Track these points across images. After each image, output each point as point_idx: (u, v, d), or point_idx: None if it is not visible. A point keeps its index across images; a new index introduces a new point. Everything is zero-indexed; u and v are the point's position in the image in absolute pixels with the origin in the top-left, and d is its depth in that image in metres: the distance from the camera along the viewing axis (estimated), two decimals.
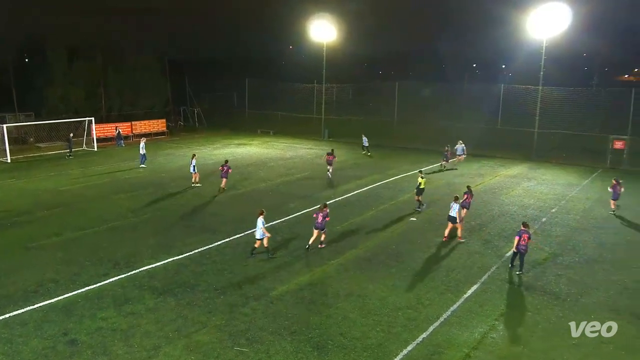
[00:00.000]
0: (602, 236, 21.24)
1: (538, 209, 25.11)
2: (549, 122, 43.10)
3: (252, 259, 18.00)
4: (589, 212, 24.96)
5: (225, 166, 27.54)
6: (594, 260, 18.58)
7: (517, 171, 35.07)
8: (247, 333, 13.19)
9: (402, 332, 13.31)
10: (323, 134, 50.93)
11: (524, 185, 30.71)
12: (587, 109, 49.60)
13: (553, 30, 39.02)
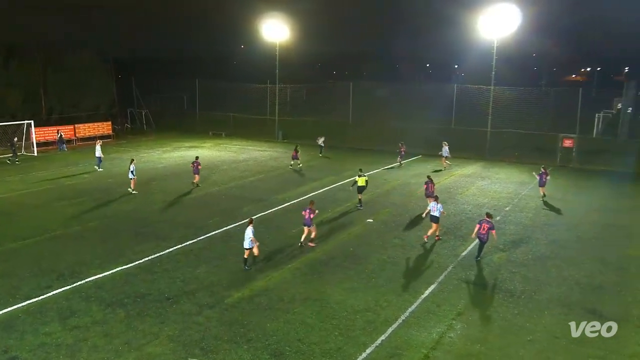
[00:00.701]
0: (554, 233, 22.05)
1: (492, 208, 25.81)
2: (501, 121, 44.46)
3: (248, 271, 17.42)
4: (540, 209, 25.87)
5: (195, 162, 29.62)
6: (546, 257, 19.26)
7: (472, 170, 36.00)
8: (201, 343, 12.97)
9: (361, 336, 13.40)
10: (277, 135, 50.81)
11: (479, 184, 31.54)
12: (537, 109, 51.54)
13: (503, 31, 40.30)
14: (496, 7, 39.49)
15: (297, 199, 27.13)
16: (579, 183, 32.64)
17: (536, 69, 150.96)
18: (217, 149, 44.00)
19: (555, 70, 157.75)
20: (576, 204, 26.89)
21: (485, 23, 40.31)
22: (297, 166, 35.64)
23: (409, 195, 28.32)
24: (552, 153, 39.53)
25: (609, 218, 24.50)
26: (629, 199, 28.45)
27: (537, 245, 20.51)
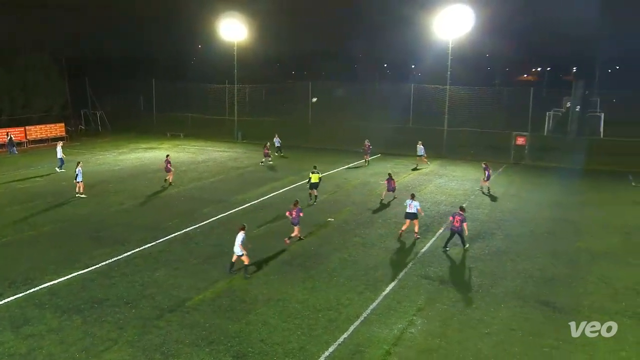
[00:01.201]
0: (509, 228, 22.68)
1: (450, 205, 26.33)
2: (457, 120, 45.45)
3: (232, 275, 16.98)
4: (496, 205, 26.55)
5: (166, 161, 30.11)
6: (502, 251, 19.79)
7: (429, 169, 36.61)
8: (162, 347, 12.74)
9: (323, 334, 13.45)
10: (236, 136, 50.40)
11: (436, 182, 32.12)
12: (491, 108, 52.95)
13: (458, 32, 41.16)
14: (451, 8, 40.30)
15: (258, 199, 26.99)
16: (531, 180, 33.67)
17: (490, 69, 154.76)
18: (175, 150, 43.27)
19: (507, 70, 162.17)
20: (529, 200, 27.73)
21: (440, 24, 41.07)
22: (268, 163, 36.58)
23: (369, 194, 28.58)
24: (505, 151, 40.63)
25: (560, 213, 25.37)
26: (578, 195, 29.52)
27: (493, 240, 21.04)
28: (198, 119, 56.03)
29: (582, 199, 28.61)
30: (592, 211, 25.94)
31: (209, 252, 19.15)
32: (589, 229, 22.95)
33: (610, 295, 16.05)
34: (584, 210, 25.99)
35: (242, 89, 57.02)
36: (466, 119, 47.25)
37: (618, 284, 16.82)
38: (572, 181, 33.05)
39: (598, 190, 30.83)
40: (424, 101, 50.84)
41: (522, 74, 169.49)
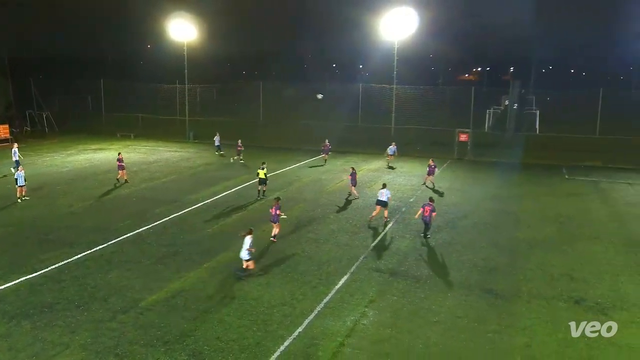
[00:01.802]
0: (454, 221, 23.28)
1: (398, 200, 26.78)
2: (403, 118, 46.27)
3: (242, 279, 16.34)
4: (441, 200, 27.18)
5: (119, 159, 29.83)
6: (447, 243, 20.29)
7: (378, 165, 37.10)
8: (116, 349, 12.39)
9: (279, 329, 13.42)
10: (187, 136, 49.50)
11: (385, 178, 32.53)
12: (435, 106, 54.18)
13: (403, 33, 41.88)
14: (395, 11, 40.96)
15: (211, 198, 26.61)
16: (473, 174, 34.68)
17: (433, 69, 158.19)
18: (126, 151, 42.03)
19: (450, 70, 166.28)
20: (472, 194, 28.55)
21: (386, 25, 41.67)
22: (239, 161, 36.72)
23: (320, 191, 28.70)
24: (449, 147, 41.65)
25: (501, 205, 26.26)
26: (517, 188, 30.62)
27: (439, 232, 21.54)
28: (149, 119, 54.71)
29: (520, 191, 29.69)
30: (529, 203, 26.97)
31: (163, 253, 18.74)
32: (527, 219, 23.85)
33: (547, 281, 16.74)
34: (522, 202, 26.99)
35: (193, 89, 56.09)
36: (412, 117, 48.15)
37: (554, 271, 17.56)
38: (511, 175, 34.25)
39: (535, 183, 32.06)
40: (372, 100, 51.49)
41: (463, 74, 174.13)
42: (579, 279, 16.87)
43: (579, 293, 15.81)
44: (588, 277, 17.03)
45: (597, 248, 19.93)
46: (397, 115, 44.51)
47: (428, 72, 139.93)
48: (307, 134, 48.41)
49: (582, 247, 19.99)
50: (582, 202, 27.32)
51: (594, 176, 34.06)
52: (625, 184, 31.72)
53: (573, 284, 16.53)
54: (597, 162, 38.40)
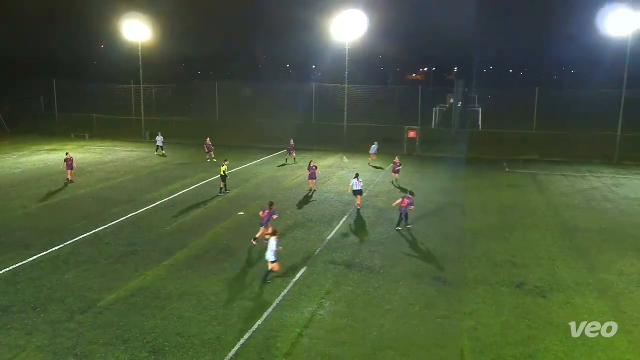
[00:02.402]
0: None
1: (351, 195, 26.97)
2: (355, 116, 46.64)
3: (266, 284, 15.64)
4: (392, 193, 27.59)
5: (67, 159, 28.95)
6: (399, 234, 20.63)
7: (332, 162, 37.28)
8: (75, 349, 11.98)
9: (238, 323, 13.31)
10: (143, 135, 48.20)
11: (338, 174, 32.78)
12: (385, 104, 54.87)
13: (353, 34, 42.16)
14: (346, 13, 41.18)
15: (169, 196, 26.07)
16: (422, 169, 35.37)
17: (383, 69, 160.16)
18: (81, 151, 40.62)
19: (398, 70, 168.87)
20: (421, 187, 29.11)
21: (336, 27, 41.83)
22: (212, 159, 35.99)
23: (276, 188, 28.59)
24: (399, 143, 42.29)
25: (448, 198, 26.90)
26: (462, 181, 31.45)
27: (391, 225, 21.86)
28: (104, 119, 52.93)
29: (465, 184, 30.51)
30: (474, 195, 27.75)
31: (121, 252, 18.22)
32: (472, 210, 24.54)
33: (490, 267, 17.29)
34: (467, 195, 27.74)
35: (148, 89, 54.65)
36: (363, 114, 48.61)
37: (497, 258, 18.16)
38: (456, 169, 35.14)
39: (478, 176, 33.01)
40: (325, 99, 51.63)
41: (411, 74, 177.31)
42: (520, 265, 17.50)
43: (520, 278, 16.41)
44: (528, 263, 17.69)
45: (535, 235, 20.73)
46: (349, 113, 44.81)
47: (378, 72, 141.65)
48: (263, 132, 48.10)
49: (522, 235, 20.74)
50: (522, 193, 28.34)
51: (532, 169, 35.39)
52: (559, 175, 33.12)
53: (514, 269, 17.13)
54: (534, 155, 39.93)
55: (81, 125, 51.28)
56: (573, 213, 24.21)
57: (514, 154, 40.38)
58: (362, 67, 73.64)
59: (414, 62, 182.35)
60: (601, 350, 12.23)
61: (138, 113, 51.16)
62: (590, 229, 21.57)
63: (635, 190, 28.91)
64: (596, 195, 27.91)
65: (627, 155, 38.12)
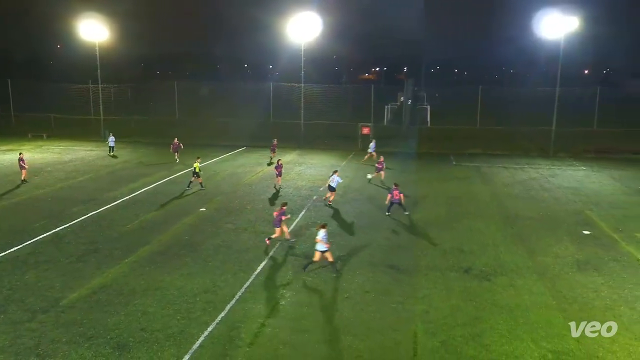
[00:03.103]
0: (360, 206, 23.93)
1: (309, 189, 27.06)
2: (312, 114, 46.72)
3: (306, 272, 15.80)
4: (348, 187, 27.82)
5: (20, 159, 27.76)
6: (355, 226, 20.82)
7: (290, 158, 37.18)
8: (37, 349, 11.51)
9: (202, 316, 13.13)
10: (103, 135, 46.55)
11: (297, 169, 32.75)
12: (339, 102, 55.19)
13: (308, 36, 42.13)
14: (301, 15, 41.09)
15: (130, 195, 25.36)
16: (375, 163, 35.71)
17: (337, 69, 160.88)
18: (39, 151, 38.94)
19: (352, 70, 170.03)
20: (375, 181, 29.45)
21: (292, 28, 41.69)
22: (177, 159, 34.58)
23: (237, 184, 28.29)
24: (353, 139, 42.65)
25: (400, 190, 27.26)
26: (413, 174, 32.04)
27: (348, 217, 22.06)
28: (62, 119, 50.90)
29: (416, 177, 31.09)
30: (424, 187, 28.31)
31: (82, 250, 17.61)
32: (422, 202, 25.04)
33: (440, 255, 17.72)
34: (418, 187, 28.27)
35: (107, 89, 52.89)
36: (319, 112, 48.76)
37: (446, 245, 18.62)
38: (408, 163, 35.75)
39: (428, 169, 33.70)
40: (282, 98, 51.46)
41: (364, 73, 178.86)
42: (467, 252, 18.01)
43: (467, 263, 16.90)
44: (474, 249, 18.23)
45: (480, 224, 21.37)
46: (306, 111, 44.83)
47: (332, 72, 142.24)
48: (223, 130, 47.47)
49: (468, 224, 21.34)
50: (468, 185, 29.14)
51: (476, 162, 36.44)
52: (501, 168, 34.25)
53: (462, 256, 17.62)
54: (478, 150, 41.11)
55: (39, 125, 49.15)
56: (514, 202, 25.10)
57: (460, 148, 41.46)
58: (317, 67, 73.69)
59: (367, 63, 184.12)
60: (541, 327, 12.76)
61: (97, 113, 49.45)
62: (530, 217, 22.44)
63: (568, 180, 30.25)
64: (534, 185, 29.04)
65: (561, 148, 39.86)
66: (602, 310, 13.68)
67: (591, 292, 14.81)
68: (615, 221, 21.78)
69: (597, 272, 16.24)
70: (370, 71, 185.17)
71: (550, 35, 39.60)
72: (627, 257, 17.56)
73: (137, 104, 61.30)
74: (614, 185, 28.99)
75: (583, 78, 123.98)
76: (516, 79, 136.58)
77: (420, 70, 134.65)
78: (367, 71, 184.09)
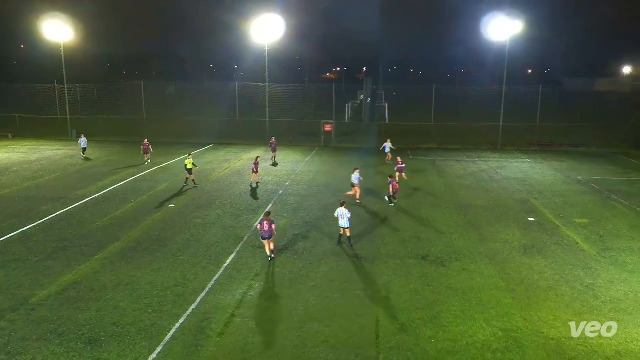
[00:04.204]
0: (323, 200, 23.99)
1: (275, 184, 26.94)
2: (276, 112, 46.43)
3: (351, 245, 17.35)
4: (312, 181, 27.85)
5: None
6: (319, 218, 20.88)
7: (257, 154, 36.79)
8: (7, 347, 11.05)
9: (173, 308, 12.90)
10: (70, 134, 44.96)
11: (262, 165, 32.43)
12: (303, 101, 55.05)
13: (272, 37, 41.80)
14: (265, 17, 40.72)
15: (99, 192, 24.59)
16: (338, 159, 35.96)
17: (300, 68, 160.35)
18: (4, 151, 37.19)
19: (314, 69, 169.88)
20: (337, 175, 29.60)
21: (256, 30, 41.27)
22: (147, 161, 32.27)
23: (205, 180, 27.84)
24: (317, 136, 42.68)
25: (361, 183, 27.48)
26: (373, 168, 32.34)
27: (312, 210, 22.09)
28: (27, 119, 48.71)
29: (376, 171, 31.40)
30: (383, 180, 28.59)
31: (52, 248, 16.98)
32: (382, 194, 25.31)
33: (399, 243, 17.99)
34: (378, 180, 28.58)
35: (73, 88, 50.95)
36: (284, 110, 48.51)
37: (405, 234, 18.93)
38: (368, 158, 36.04)
39: (387, 164, 34.05)
40: (248, 97, 50.90)
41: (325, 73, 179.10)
42: (424, 239, 18.37)
43: (425, 251, 17.24)
44: (431, 237, 18.61)
45: (436, 213, 21.82)
46: (271, 109, 44.54)
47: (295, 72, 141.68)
48: (190, 128, 46.60)
49: (425, 213, 21.75)
50: (424, 177, 29.68)
51: (432, 156, 37.14)
52: (454, 161, 35.04)
53: (420, 243, 17.96)
54: (433, 145, 41.92)
55: (3, 125, 46.89)
56: (466, 193, 25.75)
57: (417, 143, 42.14)
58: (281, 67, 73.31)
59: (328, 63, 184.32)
60: (492, 307, 13.18)
61: (63, 112, 47.57)
62: (481, 206, 23.08)
63: (514, 172, 31.26)
64: (484, 176, 29.87)
65: (508, 142, 41.12)
66: (546, 290, 14.24)
67: (536, 273, 15.39)
68: (557, 208, 22.67)
69: (541, 255, 16.88)
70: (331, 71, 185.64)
71: (497, 37, 40.71)
72: (568, 241, 18.32)
73: (103, 104, 59.31)
74: (556, 176, 30.15)
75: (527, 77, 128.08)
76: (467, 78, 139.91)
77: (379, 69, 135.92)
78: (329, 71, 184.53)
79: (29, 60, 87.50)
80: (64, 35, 43.72)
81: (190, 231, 18.99)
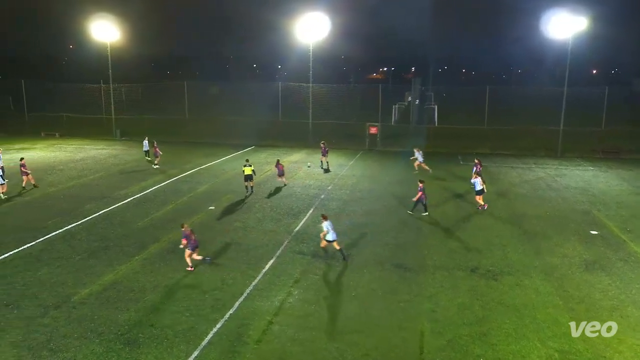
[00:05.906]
0: (367, 205, 23.87)
1: (317, 188, 27.05)
2: (319, 113, 46.69)
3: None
4: (356, 186, 27.77)
5: (21, 165, 26.19)
6: (362, 224, 20.78)
7: (298, 157, 37.19)
8: (49, 344, 11.62)
9: (211, 313, 13.17)
10: (115, 134, 46.96)
11: (305, 169, 32.74)
12: (347, 102, 55.10)
13: (317, 36, 42.11)
14: (309, 16, 41.08)
15: (140, 193, 25.50)
16: (383, 163, 35.71)
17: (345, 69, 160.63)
18: (51, 150, 39.27)
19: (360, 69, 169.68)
20: (382, 180, 29.39)
21: (301, 29, 41.69)
22: (154, 165, 32.23)
23: (232, 184, 28.26)
24: (361, 139, 42.57)
25: (406, 189, 27.11)
26: (420, 173, 31.80)
27: (355, 215, 22.02)
28: (74, 118, 51.30)
29: (423, 176, 30.86)
30: (431, 186, 28.07)
31: (94, 247, 17.74)
32: (430, 200, 24.86)
33: (447, 253, 17.63)
34: (425, 186, 28.04)
35: (118, 88, 53.21)
36: (327, 112, 48.72)
37: (453, 244, 18.53)
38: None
39: (435, 168, 33.42)
40: (291, 97, 51.48)
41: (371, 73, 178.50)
42: (474, 250, 17.91)
43: (474, 262, 16.80)
44: (481, 248, 18.12)
45: (488, 223, 21.24)
46: (314, 111, 44.82)
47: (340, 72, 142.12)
48: (232, 129, 47.58)
49: (475, 223, 21.22)
50: None
51: (484, 162, 36.08)
52: (508, 167, 34.02)
53: (469, 254, 17.52)
54: (486, 149, 40.84)
55: (51, 124, 49.57)
56: (521, 201, 24.93)
57: (468, 147, 41.19)
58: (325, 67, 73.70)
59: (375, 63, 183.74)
60: (547, 327, 12.67)
61: (108, 112, 49.78)
62: (537, 216, 22.26)
63: (575, 180, 29.99)
64: (541, 184, 28.81)
65: (568, 148, 39.49)
66: (609, 310, 13.55)
67: (598, 292, 14.68)
68: (623, 221, 21.57)
69: (604, 272, 16.09)
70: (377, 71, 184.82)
71: (558, 35, 39.23)
72: (635, 257, 17.38)
73: (148, 103, 61.60)
74: (622, 186, 28.69)
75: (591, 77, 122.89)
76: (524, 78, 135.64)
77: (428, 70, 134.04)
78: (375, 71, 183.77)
79: (77, 60, 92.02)
80: (111, 35, 45.78)
81: (230, 234, 19.35)
